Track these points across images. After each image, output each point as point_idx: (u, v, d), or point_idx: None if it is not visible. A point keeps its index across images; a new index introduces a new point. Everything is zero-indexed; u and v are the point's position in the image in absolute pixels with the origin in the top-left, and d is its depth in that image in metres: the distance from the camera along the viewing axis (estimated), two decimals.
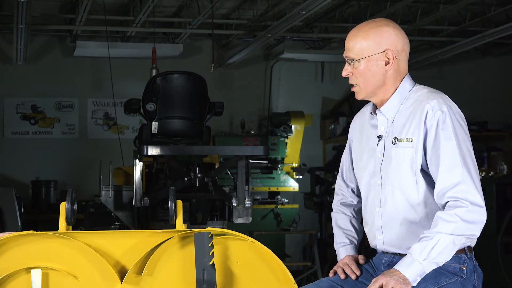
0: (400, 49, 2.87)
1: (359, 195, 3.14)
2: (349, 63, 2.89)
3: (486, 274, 2.95)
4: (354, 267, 2.99)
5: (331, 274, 3.03)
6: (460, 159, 2.73)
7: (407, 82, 2.91)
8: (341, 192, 3.21)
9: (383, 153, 2.89)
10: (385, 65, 2.85)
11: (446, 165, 2.73)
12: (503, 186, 8.27)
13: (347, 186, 3.18)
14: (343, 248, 3.10)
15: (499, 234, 7.95)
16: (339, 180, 3.22)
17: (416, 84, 2.94)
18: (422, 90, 2.89)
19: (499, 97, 11.35)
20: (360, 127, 3.05)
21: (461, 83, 11.18)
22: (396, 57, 2.86)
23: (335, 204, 3.21)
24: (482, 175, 8.57)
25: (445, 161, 2.73)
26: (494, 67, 11.47)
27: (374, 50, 2.84)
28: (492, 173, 9.01)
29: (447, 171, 2.72)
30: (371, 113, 2.98)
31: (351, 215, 3.17)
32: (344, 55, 2.92)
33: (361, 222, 3.17)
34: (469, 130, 2.87)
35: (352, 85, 2.94)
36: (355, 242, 3.13)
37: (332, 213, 3.23)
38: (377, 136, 2.93)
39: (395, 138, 2.85)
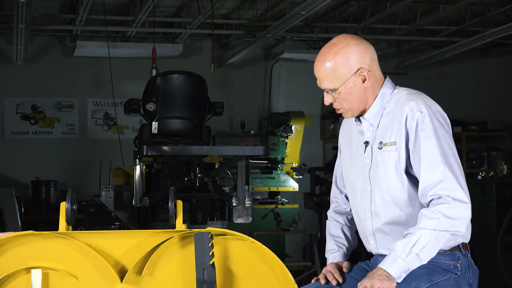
0: (369, 61, 2.86)
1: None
2: (328, 93, 2.90)
3: (486, 274, 2.96)
4: (336, 274, 2.96)
5: (313, 281, 3.02)
6: (440, 158, 2.73)
7: (387, 87, 2.92)
8: (336, 200, 3.21)
9: (371, 159, 2.90)
10: (363, 82, 2.86)
11: (427, 164, 2.74)
12: (503, 186, 8.26)
13: (341, 192, 3.18)
14: (332, 255, 3.10)
15: (499, 234, 7.94)
16: (333, 187, 3.22)
17: (397, 86, 2.94)
18: (402, 93, 2.89)
19: (499, 97, 11.34)
20: (348, 133, 3.06)
21: (461, 83, 11.17)
22: (369, 71, 2.86)
23: (330, 212, 3.21)
24: (482, 175, 8.57)
25: (426, 160, 2.74)
26: (494, 67, 11.47)
27: (348, 74, 2.84)
28: (492, 173, 9.01)
29: (429, 170, 2.74)
30: (355, 120, 2.99)
31: (343, 223, 3.16)
32: (319, 86, 2.92)
33: (355, 229, 3.16)
34: (469, 130, 2.88)
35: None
36: (344, 248, 3.10)
37: (327, 221, 3.23)
38: (364, 142, 2.94)
39: (380, 142, 2.87)
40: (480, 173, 8.63)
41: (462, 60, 11.11)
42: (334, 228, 3.16)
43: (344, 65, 2.84)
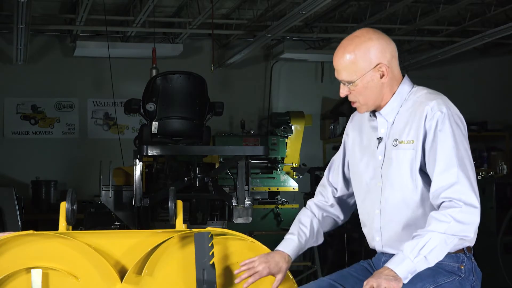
0: (389, 57, 2.85)
1: (336, 198, 3.13)
2: (344, 84, 2.88)
3: (486, 274, 2.95)
4: (252, 266, 2.94)
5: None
6: (456, 160, 2.72)
7: (406, 84, 2.90)
8: (321, 193, 3.18)
9: (384, 155, 2.88)
10: (381, 78, 2.84)
11: (441, 166, 2.72)
12: (503, 186, 8.26)
13: (330, 185, 3.15)
14: (288, 237, 3.08)
15: (499, 234, 7.94)
16: (323, 180, 3.19)
17: (415, 85, 2.92)
18: (421, 92, 2.88)
19: (499, 97, 11.35)
20: (359, 128, 3.04)
21: (461, 83, 11.18)
22: (388, 67, 2.84)
23: (310, 201, 3.19)
24: (482, 175, 8.57)
25: (441, 161, 2.73)
26: (494, 67, 11.47)
27: (366, 68, 2.82)
28: (492, 173, 9.00)
29: (443, 171, 2.72)
30: (370, 115, 2.97)
31: (316, 216, 3.14)
32: (336, 77, 2.89)
33: (325, 228, 3.15)
34: (469, 130, 2.86)
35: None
36: (302, 239, 3.08)
37: (303, 208, 3.21)
38: (377, 138, 2.92)
39: (396, 140, 2.84)
40: (480, 173, 8.63)
41: (462, 60, 11.11)
42: (305, 217, 3.13)
43: (363, 59, 2.82)
